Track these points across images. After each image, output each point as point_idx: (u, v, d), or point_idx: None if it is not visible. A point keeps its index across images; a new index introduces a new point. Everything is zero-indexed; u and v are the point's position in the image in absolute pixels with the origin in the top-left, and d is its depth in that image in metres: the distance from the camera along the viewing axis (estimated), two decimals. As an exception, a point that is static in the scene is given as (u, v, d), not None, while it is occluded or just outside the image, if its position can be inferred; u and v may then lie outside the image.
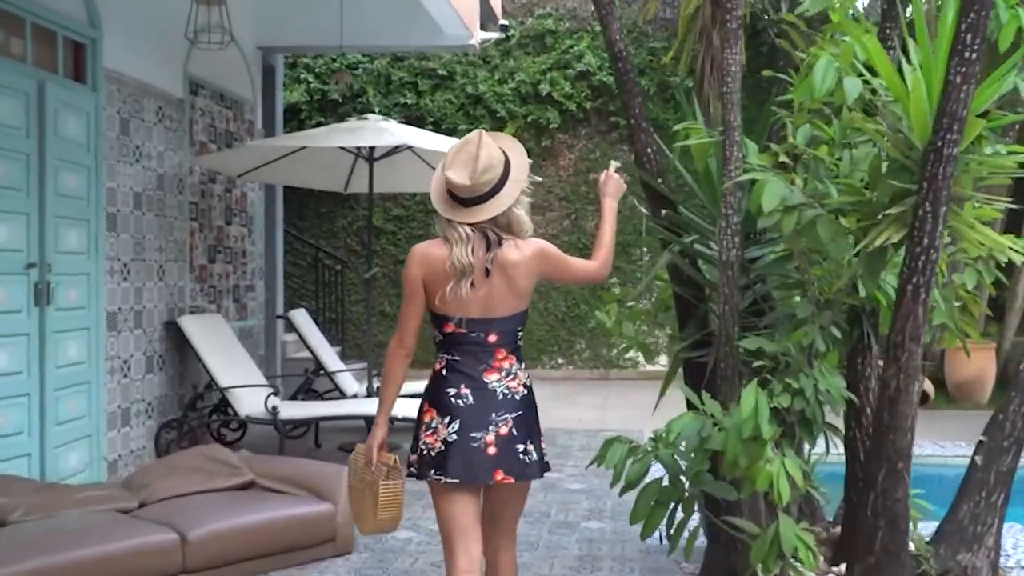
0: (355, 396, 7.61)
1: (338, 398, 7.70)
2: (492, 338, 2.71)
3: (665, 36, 11.65)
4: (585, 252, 12.08)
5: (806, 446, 2.87)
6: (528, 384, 2.78)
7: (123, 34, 6.00)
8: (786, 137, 3.15)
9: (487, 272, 2.65)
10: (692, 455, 2.78)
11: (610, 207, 2.97)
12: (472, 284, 2.65)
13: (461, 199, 2.68)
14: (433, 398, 2.75)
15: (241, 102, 7.99)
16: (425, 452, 2.71)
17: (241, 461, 4.80)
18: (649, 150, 3.58)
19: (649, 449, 2.88)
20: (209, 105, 7.37)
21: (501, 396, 2.69)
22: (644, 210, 3.53)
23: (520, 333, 2.78)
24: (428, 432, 2.72)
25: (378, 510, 2.77)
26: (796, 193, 2.65)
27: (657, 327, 4.44)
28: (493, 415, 2.67)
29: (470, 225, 2.65)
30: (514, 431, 2.68)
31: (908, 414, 2.67)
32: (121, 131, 6.04)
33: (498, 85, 11.66)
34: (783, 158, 2.94)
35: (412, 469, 2.76)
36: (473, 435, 2.66)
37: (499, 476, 2.66)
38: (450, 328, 2.72)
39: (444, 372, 2.75)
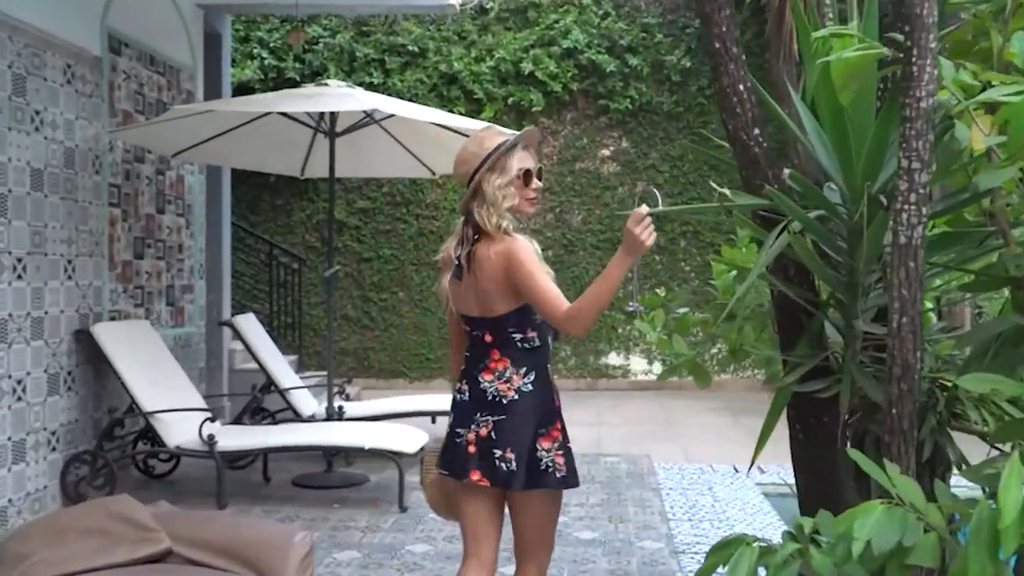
0: (312, 418, 6.39)
1: (292, 419, 6.47)
2: (488, 338, 2.73)
3: (660, 12, 10.56)
4: (569, 249, 10.98)
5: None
6: (523, 390, 2.67)
7: (17, -32, 4.76)
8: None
9: (466, 269, 2.71)
10: (876, 568, 1.64)
11: (617, 262, 2.50)
12: (460, 278, 2.71)
13: None
14: None
15: (177, 68, 6.73)
16: (440, 446, 2.83)
17: (156, 520, 3.57)
18: (741, 87, 2.44)
19: (792, 553, 1.73)
20: (136, 68, 6.11)
21: (490, 397, 2.68)
22: (723, 191, 2.38)
23: (517, 337, 2.70)
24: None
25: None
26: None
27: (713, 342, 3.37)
28: (478, 415, 2.68)
29: (464, 221, 2.75)
30: (492, 435, 2.65)
31: None
32: (14, 91, 4.78)
33: (475, 63, 10.48)
34: (982, 77, 1.83)
35: None
36: (458, 431, 2.72)
37: (475, 476, 2.66)
38: (464, 326, 2.81)
39: (462, 367, 2.81)
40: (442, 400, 7.08)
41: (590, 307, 2.51)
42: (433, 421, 6.73)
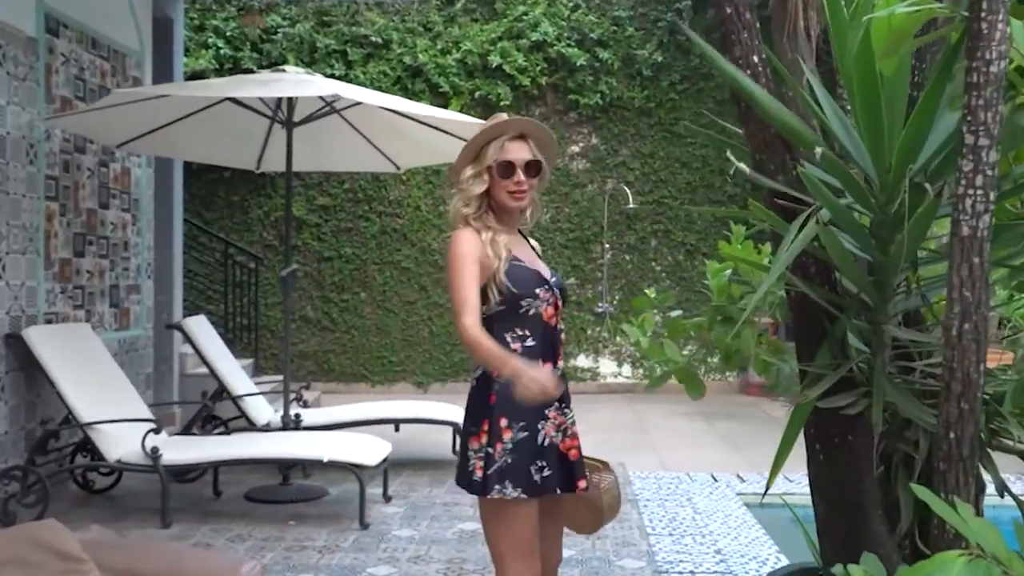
0: (267, 427, 6.00)
1: (246, 428, 6.07)
2: None
3: (631, 5, 10.28)
4: (544, 247, 10.67)
5: None
6: (472, 387, 2.58)
7: (-62, -65, 4.32)
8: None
9: None
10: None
11: (489, 360, 2.41)
12: None
13: None
14: None
15: (123, 53, 6.30)
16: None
17: (85, 549, 3.18)
18: (755, 58, 2.14)
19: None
20: (76, 51, 5.68)
21: None
22: (741, 166, 2.08)
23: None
24: None
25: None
26: None
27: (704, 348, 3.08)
28: None
29: None
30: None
31: None
32: (-65, 70, 4.36)
33: (441, 56, 10.12)
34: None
35: None
36: None
37: None
38: None
39: None
40: (406, 406, 6.71)
41: (472, 348, 2.41)
42: (397, 429, 6.36)
